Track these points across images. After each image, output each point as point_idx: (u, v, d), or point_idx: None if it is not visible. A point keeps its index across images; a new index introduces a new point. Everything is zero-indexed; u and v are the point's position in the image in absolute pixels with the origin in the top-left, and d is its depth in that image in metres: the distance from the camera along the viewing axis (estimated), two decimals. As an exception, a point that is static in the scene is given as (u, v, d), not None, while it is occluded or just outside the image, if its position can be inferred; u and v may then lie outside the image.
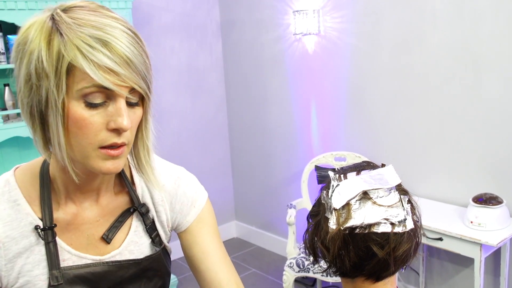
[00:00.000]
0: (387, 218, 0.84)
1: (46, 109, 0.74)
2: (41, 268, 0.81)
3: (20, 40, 0.74)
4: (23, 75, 0.73)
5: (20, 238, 0.80)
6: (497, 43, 2.31)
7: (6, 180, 0.84)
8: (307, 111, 3.30)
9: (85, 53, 0.70)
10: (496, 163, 2.41)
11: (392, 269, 0.87)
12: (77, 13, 0.73)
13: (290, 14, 3.21)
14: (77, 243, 0.86)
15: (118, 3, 2.87)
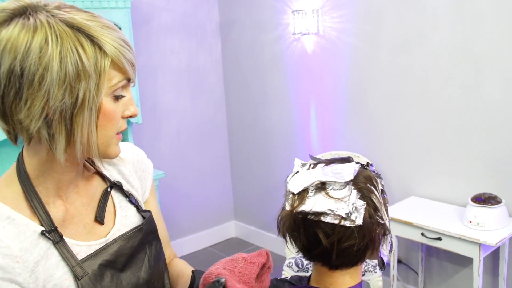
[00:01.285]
0: (332, 210, 0.90)
1: (79, 110, 0.76)
2: (61, 268, 0.83)
3: (32, 49, 0.73)
4: (56, 79, 0.73)
5: (32, 247, 0.80)
6: (497, 44, 2.31)
7: None
8: (307, 111, 3.30)
9: (121, 52, 0.78)
10: (495, 163, 2.41)
11: (333, 258, 0.92)
12: (83, 15, 0.77)
13: (289, 14, 3.21)
14: (78, 234, 0.88)
15: (117, 2, 2.87)
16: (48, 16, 0.75)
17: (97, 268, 0.86)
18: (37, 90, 0.73)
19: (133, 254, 0.93)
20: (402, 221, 2.43)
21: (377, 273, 2.56)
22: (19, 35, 0.73)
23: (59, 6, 0.78)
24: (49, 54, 0.72)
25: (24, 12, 0.75)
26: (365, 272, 2.55)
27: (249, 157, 3.85)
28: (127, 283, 0.90)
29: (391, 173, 2.86)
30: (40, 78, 0.73)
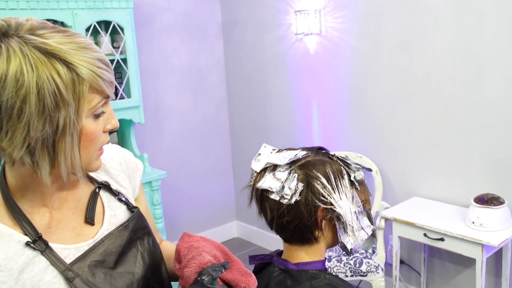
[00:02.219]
0: (271, 187, 1.07)
1: (60, 136, 0.76)
2: (50, 272, 0.83)
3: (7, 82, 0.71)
4: (35, 112, 0.73)
5: (17, 256, 0.81)
6: (499, 44, 2.30)
7: None
8: (309, 111, 3.29)
9: (98, 73, 0.77)
10: (497, 163, 2.40)
11: (279, 232, 1.10)
12: (57, 37, 0.75)
13: (291, 14, 3.21)
14: (66, 238, 0.89)
15: (120, 2, 2.88)
16: (21, 43, 0.72)
17: (87, 269, 0.87)
18: (16, 122, 0.73)
19: (123, 252, 0.94)
20: (405, 222, 2.43)
21: (380, 273, 2.56)
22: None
23: (31, 28, 0.75)
24: (26, 86, 0.71)
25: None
26: (367, 272, 2.55)
27: (251, 157, 3.83)
28: (121, 280, 0.91)
29: (393, 174, 2.86)
30: (19, 111, 0.72)
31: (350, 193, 1.10)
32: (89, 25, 2.78)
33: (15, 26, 0.74)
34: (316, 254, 1.12)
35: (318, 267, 1.12)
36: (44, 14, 2.61)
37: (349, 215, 1.08)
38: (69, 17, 2.71)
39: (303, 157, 1.11)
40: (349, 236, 1.10)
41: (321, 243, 1.12)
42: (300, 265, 1.11)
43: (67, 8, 2.69)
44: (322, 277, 1.10)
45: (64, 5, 2.67)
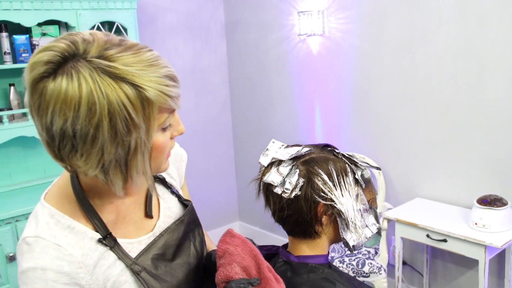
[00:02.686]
0: (273, 181, 1.11)
1: (132, 156, 0.79)
2: (118, 266, 0.90)
3: (81, 111, 0.72)
4: (108, 138, 0.74)
5: (91, 252, 0.87)
6: (501, 45, 2.30)
7: (48, 212, 0.87)
8: (311, 111, 3.30)
9: (166, 92, 0.77)
10: (500, 164, 2.40)
11: (281, 225, 1.14)
12: (124, 58, 0.75)
13: (294, 15, 3.21)
14: (130, 233, 0.95)
15: (123, 3, 2.88)
16: (91, 69, 0.73)
17: (150, 262, 0.93)
18: (90, 147, 0.75)
19: (180, 244, 1.00)
20: (407, 223, 2.43)
21: (382, 274, 2.56)
22: (66, 95, 0.72)
23: (99, 49, 0.75)
24: (98, 114, 0.72)
25: (65, 61, 0.73)
26: (370, 273, 2.55)
27: (253, 158, 3.85)
28: (180, 270, 0.98)
29: (396, 174, 2.85)
30: (93, 137, 0.74)
31: (354, 191, 1.12)
32: (92, 25, 2.79)
33: (83, 49, 0.75)
34: (318, 249, 1.15)
35: (320, 261, 1.15)
36: (48, 14, 2.62)
37: (351, 212, 1.11)
38: (73, 18, 2.72)
39: (307, 153, 1.14)
40: (352, 233, 1.12)
41: (323, 238, 1.15)
42: (302, 258, 1.15)
43: (70, 9, 2.70)
44: (320, 271, 1.12)
45: (67, 6, 2.68)
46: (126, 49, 0.76)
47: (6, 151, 2.85)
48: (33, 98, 0.74)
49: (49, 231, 0.85)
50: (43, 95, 0.73)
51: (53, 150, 0.78)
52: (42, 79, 0.73)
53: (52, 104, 0.72)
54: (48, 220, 0.86)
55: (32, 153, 2.94)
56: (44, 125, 0.75)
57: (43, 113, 0.74)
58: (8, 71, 2.73)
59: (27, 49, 2.66)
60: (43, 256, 0.83)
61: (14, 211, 2.49)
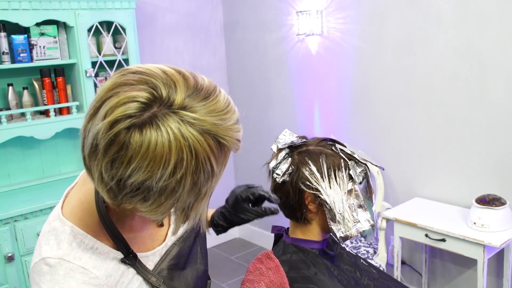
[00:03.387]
0: (271, 166, 1.25)
1: (200, 201, 0.78)
2: (136, 280, 0.89)
3: (169, 168, 0.69)
4: (187, 189, 0.72)
5: (114, 272, 0.86)
6: (501, 45, 2.30)
7: (71, 231, 0.83)
8: (310, 111, 3.30)
9: (238, 138, 0.77)
10: (499, 164, 2.40)
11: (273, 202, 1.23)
12: (206, 107, 0.72)
13: (293, 15, 3.21)
14: (146, 246, 0.94)
15: (122, 3, 2.88)
16: (179, 123, 0.69)
17: (166, 273, 0.94)
18: (166, 199, 0.72)
19: (190, 252, 1.01)
20: (406, 222, 2.43)
21: (381, 274, 2.56)
22: (156, 152, 0.67)
23: (183, 101, 0.71)
24: (184, 169, 0.70)
25: (150, 109, 0.69)
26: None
27: (252, 158, 3.85)
28: (191, 277, 0.99)
29: (395, 174, 2.85)
30: (172, 190, 0.71)
31: (346, 186, 1.19)
32: (91, 25, 2.79)
33: (166, 96, 0.70)
34: (310, 234, 1.25)
35: (311, 246, 1.25)
36: (46, 14, 2.62)
37: (339, 204, 1.17)
38: (71, 18, 2.71)
39: (304, 144, 1.25)
40: (340, 224, 1.18)
41: (314, 225, 1.25)
42: (294, 240, 1.26)
43: (69, 9, 2.69)
44: (306, 254, 1.22)
45: (66, 6, 2.68)
46: (204, 98, 0.73)
47: (5, 151, 2.84)
48: (109, 151, 0.68)
49: (73, 253, 0.81)
50: (124, 148, 0.68)
51: (115, 195, 0.73)
52: (124, 131, 0.68)
53: (138, 159, 0.68)
54: (71, 240, 0.82)
55: (30, 153, 2.94)
56: (117, 176, 0.69)
57: (121, 166, 0.68)
58: (6, 71, 2.73)
59: (25, 49, 2.66)
60: (68, 280, 0.79)
61: (12, 211, 2.49)
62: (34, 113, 2.82)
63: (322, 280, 1.17)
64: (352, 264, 1.31)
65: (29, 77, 2.85)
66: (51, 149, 3.00)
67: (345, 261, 1.31)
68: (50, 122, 2.75)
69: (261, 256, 1.07)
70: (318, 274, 1.18)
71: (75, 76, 2.86)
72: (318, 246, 1.25)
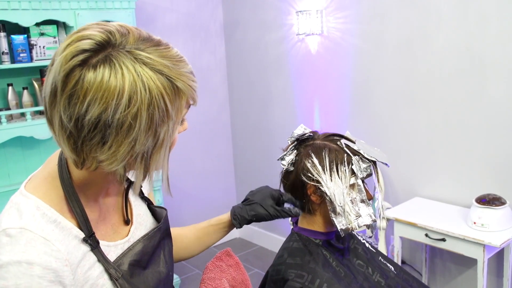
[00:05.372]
0: (281, 157, 1.32)
1: (157, 148, 0.80)
2: (97, 268, 0.87)
3: (123, 100, 0.73)
4: (144, 128, 0.75)
5: (75, 251, 0.84)
6: (502, 44, 2.30)
7: (34, 204, 0.82)
8: (310, 111, 3.30)
9: (193, 87, 0.81)
10: (499, 163, 2.40)
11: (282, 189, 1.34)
12: (159, 52, 0.78)
13: (293, 15, 3.21)
14: (107, 235, 0.92)
15: (122, 3, 2.88)
16: (133, 60, 0.74)
17: (127, 268, 0.91)
18: (123, 138, 0.75)
19: (154, 252, 0.99)
20: (406, 222, 2.43)
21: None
22: (109, 85, 0.72)
23: (137, 43, 0.77)
24: (138, 105, 0.73)
25: (105, 53, 0.74)
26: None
27: (252, 157, 3.85)
28: (151, 279, 0.96)
29: (395, 174, 2.85)
30: (128, 127, 0.74)
31: (348, 180, 1.23)
32: (91, 25, 2.78)
33: (120, 40, 0.76)
34: (315, 225, 1.31)
35: (315, 236, 1.30)
36: (46, 14, 2.62)
37: (339, 197, 1.21)
38: (71, 18, 2.71)
39: (310, 138, 1.32)
40: (341, 217, 1.22)
41: (318, 216, 1.30)
42: (299, 228, 1.33)
43: (69, 9, 2.69)
44: (307, 243, 1.27)
45: (66, 6, 2.68)
46: (156, 45, 0.80)
47: (5, 151, 2.84)
48: (66, 88, 0.73)
49: (35, 223, 0.80)
50: (79, 83, 0.72)
51: (75, 142, 0.76)
52: (78, 67, 0.72)
53: (92, 92, 0.72)
54: (34, 211, 0.81)
55: (30, 153, 2.94)
56: (74, 115, 0.73)
57: (77, 101, 0.72)
58: (6, 71, 2.73)
59: (25, 49, 2.66)
60: (29, 249, 0.77)
61: (12, 211, 2.49)
62: (34, 113, 2.82)
63: (313, 268, 1.21)
64: (366, 260, 1.34)
65: (29, 77, 2.85)
66: (51, 149, 3.00)
67: (359, 256, 1.34)
68: (50, 122, 2.75)
69: (220, 254, 1.09)
70: (311, 262, 1.23)
71: (75, 76, 2.85)
72: (323, 237, 1.30)
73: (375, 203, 1.48)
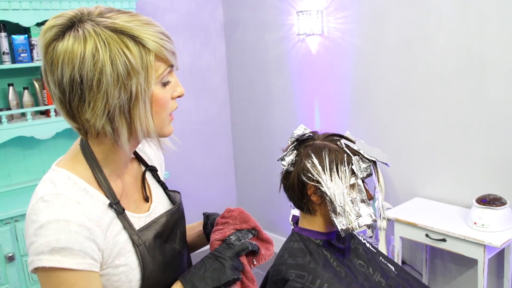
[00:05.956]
0: (281, 157, 1.32)
1: (134, 103, 0.87)
2: (124, 234, 0.95)
3: (86, 58, 0.84)
4: (111, 81, 0.84)
5: (103, 215, 0.92)
6: (502, 44, 2.30)
7: (65, 175, 0.92)
8: (311, 111, 3.30)
9: (162, 44, 0.88)
10: (499, 164, 2.40)
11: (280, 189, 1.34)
12: (123, 17, 0.88)
13: (293, 15, 3.21)
14: (130, 208, 1.00)
15: (122, 3, 2.88)
16: (94, 25, 0.85)
17: (152, 238, 0.99)
18: (96, 92, 0.85)
19: (173, 228, 1.07)
20: (407, 222, 2.43)
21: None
22: (73, 47, 0.84)
23: (101, 12, 0.88)
24: (101, 60, 0.83)
25: (72, 25, 0.86)
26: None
27: (253, 157, 3.85)
28: (168, 252, 1.03)
29: (395, 174, 2.85)
30: (98, 82, 0.84)
31: (348, 180, 1.23)
32: (91, 25, 2.79)
33: (87, 13, 0.88)
34: (315, 225, 1.31)
35: (315, 236, 1.30)
36: (46, 14, 2.62)
37: (339, 197, 1.22)
38: (72, 18, 2.71)
39: (310, 138, 1.31)
40: (342, 217, 1.22)
41: (319, 216, 1.30)
42: (300, 229, 1.33)
43: (69, 9, 2.69)
44: (307, 243, 1.27)
45: (66, 6, 2.68)
46: (123, 13, 0.89)
47: (5, 151, 2.85)
48: (46, 58, 0.86)
49: (68, 190, 0.89)
50: (54, 53, 0.85)
51: (65, 106, 0.88)
52: (53, 41, 0.86)
53: (61, 57, 0.84)
54: (66, 181, 0.90)
55: (31, 153, 2.94)
56: (56, 80, 0.86)
57: (55, 68, 0.85)
58: (7, 71, 2.73)
59: (25, 49, 2.66)
60: (65, 210, 0.86)
61: (13, 211, 2.49)
62: (34, 113, 2.83)
63: (314, 268, 1.22)
64: (367, 260, 1.34)
65: (29, 77, 2.85)
66: (51, 149, 3.00)
67: (359, 256, 1.35)
68: (50, 122, 2.75)
69: (223, 214, 1.14)
70: (311, 262, 1.23)
71: (76, 76, 2.86)
72: (323, 237, 1.30)
73: (375, 203, 1.47)
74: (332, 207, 1.23)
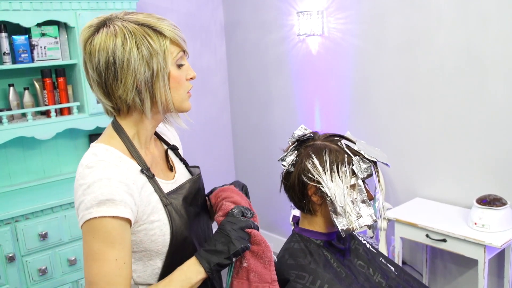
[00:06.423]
0: (282, 157, 1.34)
1: (156, 79, 1.08)
2: (155, 196, 1.13)
3: (117, 44, 1.06)
4: (137, 60, 1.06)
5: (138, 177, 1.10)
6: (502, 45, 2.30)
7: (103, 147, 1.10)
8: (311, 112, 3.30)
9: (175, 33, 1.12)
10: (500, 164, 2.40)
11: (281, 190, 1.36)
12: (142, 15, 1.10)
13: (294, 15, 3.21)
14: (159, 175, 1.18)
15: (123, 3, 2.88)
16: (122, 21, 1.08)
17: (179, 200, 1.17)
18: (126, 70, 1.06)
19: (196, 194, 1.24)
20: (407, 223, 2.43)
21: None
22: (107, 38, 1.06)
23: (126, 13, 1.12)
24: (129, 44, 1.06)
25: (104, 24, 1.09)
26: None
27: (253, 158, 3.85)
28: (191, 213, 1.20)
29: (395, 174, 2.86)
30: (127, 61, 1.06)
31: (348, 180, 1.24)
32: (92, 25, 2.79)
33: (115, 15, 1.11)
34: (316, 225, 1.32)
35: (316, 236, 1.30)
36: (47, 15, 2.62)
37: (340, 197, 1.22)
38: (72, 18, 2.72)
39: (311, 138, 1.33)
40: (342, 217, 1.23)
41: (319, 216, 1.31)
42: (300, 229, 1.34)
43: (70, 9, 2.70)
44: (308, 244, 1.28)
45: (67, 6, 2.68)
46: (142, 13, 1.12)
47: (6, 151, 2.85)
48: (85, 51, 1.09)
49: (107, 157, 1.07)
50: (92, 45, 1.07)
51: (101, 87, 1.09)
52: (90, 37, 1.08)
53: (98, 47, 1.07)
54: (104, 152, 1.09)
55: (31, 153, 2.94)
56: (94, 66, 1.08)
57: (93, 56, 1.07)
58: (8, 71, 2.73)
59: (26, 50, 2.66)
60: (106, 171, 1.04)
61: (13, 212, 2.49)
62: (35, 113, 2.83)
63: (314, 269, 1.22)
64: (367, 261, 1.34)
65: (30, 77, 2.85)
66: (52, 150, 3.01)
67: (360, 257, 1.35)
68: (51, 123, 2.75)
69: (215, 193, 1.28)
70: (312, 263, 1.23)
71: (76, 76, 2.86)
72: (324, 237, 1.31)
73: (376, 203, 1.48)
74: (333, 207, 1.23)
